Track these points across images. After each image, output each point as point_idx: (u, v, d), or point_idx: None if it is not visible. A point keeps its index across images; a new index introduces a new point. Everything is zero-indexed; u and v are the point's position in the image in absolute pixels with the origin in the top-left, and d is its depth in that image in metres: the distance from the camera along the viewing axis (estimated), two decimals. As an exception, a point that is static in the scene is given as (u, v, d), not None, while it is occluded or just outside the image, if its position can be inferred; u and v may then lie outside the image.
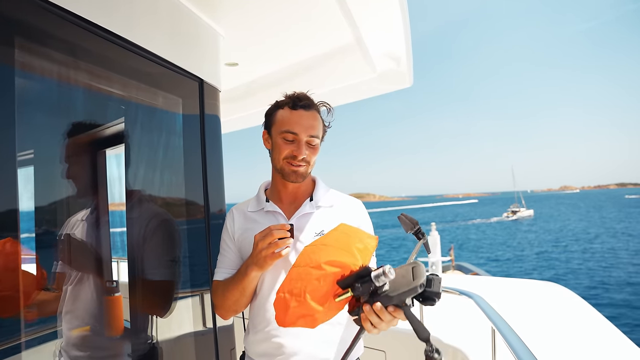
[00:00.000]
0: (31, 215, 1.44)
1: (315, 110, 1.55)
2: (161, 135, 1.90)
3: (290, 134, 1.49)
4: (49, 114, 1.47)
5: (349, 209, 1.62)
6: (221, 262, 1.63)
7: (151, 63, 1.75)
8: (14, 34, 1.17)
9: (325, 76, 3.01)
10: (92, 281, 1.61)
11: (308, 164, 1.53)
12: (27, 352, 1.24)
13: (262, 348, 1.52)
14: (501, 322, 2.05)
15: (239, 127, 4.58)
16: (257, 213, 1.61)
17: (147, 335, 1.78)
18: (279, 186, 1.61)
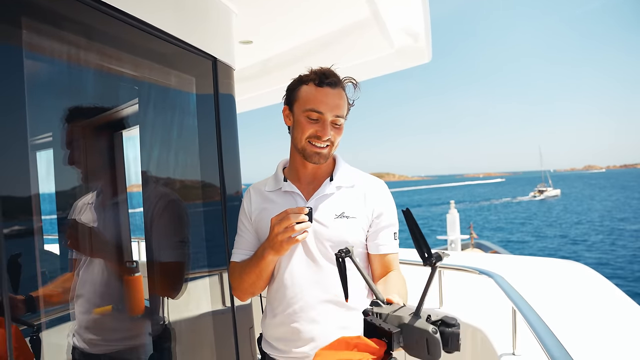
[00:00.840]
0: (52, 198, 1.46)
1: (341, 87, 1.46)
2: (175, 115, 1.88)
3: (315, 112, 1.41)
4: (60, 97, 1.46)
5: (371, 189, 1.53)
6: (238, 243, 1.60)
7: (164, 42, 1.72)
8: (21, 14, 1.15)
9: (341, 53, 2.95)
10: (103, 264, 1.62)
11: (332, 144, 1.46)
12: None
13: (279, 332, 1.51)
14: (522, 302, 2.02)
15: (254, 107, 4.56)
16: (275, 193, 1.55)
17: (159, 317, 1.79)
18: (298, 165, 1.53)
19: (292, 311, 1.45)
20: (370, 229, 1.50)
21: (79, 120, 1.53)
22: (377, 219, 1.49)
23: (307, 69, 1.48)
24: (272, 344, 1.54)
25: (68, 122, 1.48)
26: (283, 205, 1.48)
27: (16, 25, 1.13)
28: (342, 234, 1.44)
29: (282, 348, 1.49)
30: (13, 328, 1.06)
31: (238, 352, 2.09)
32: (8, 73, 1.10)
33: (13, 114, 1.11)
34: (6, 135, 1.08)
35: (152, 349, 1.75)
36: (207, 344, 1.97)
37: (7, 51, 1.11)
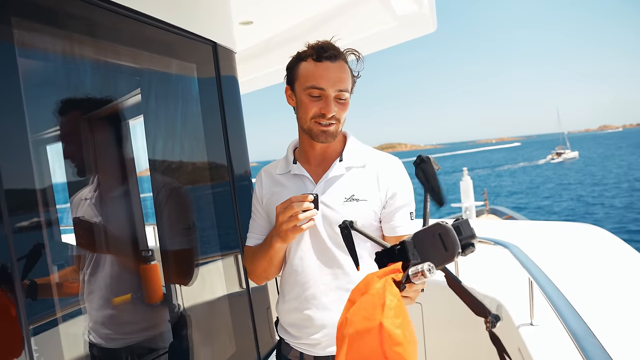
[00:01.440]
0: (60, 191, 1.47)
1: (342, 60, 1.39)
2: (178, 103, 1.87)
3: (316, 89, 1.35)
4: (58, 92, 1.44)
5: (384, 168, 1.45)
6: (252, 227, 1.59)
7: (161, 31, 1.69)
8: (13, 10, 1.13)
9: (344, 27, 2.88)
10: (116, 258, 1.63)
11: (338, 121, 1.39)
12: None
13: (291, 318, 1.51)
14: (539, 273, 2.00)
15: (258, 87, 4.51)
16: (285, 176, 1.52)
17: (174, 305, 1.82)
18: (306, 146, 1.49)
19: (303, 298, 1.45)
20: (384, 210, 1.44)
21: (77, 113, 1.51)
22: (392, 199, 1.43)
23: (305, 45, 1.42)
24: (286, 329, 1.55)
25: (65, 116, 1.46)
26: (292, 189, 1.46)
27: (7, 21, 1.11)
28: (351, 218, 1.40)
29: (295, 334, 1.50)
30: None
31: (256, 333, 2.12)
32: (2, 70, 1.09)
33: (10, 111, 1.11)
34: (5, 131, 1.07)
35: (171, 338, 1.78)
36: (224, 328, 2.00)
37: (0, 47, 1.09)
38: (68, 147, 1.50)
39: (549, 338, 2.11)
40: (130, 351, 1.65)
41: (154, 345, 1.75)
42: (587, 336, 1.44)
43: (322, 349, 1.45)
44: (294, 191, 1.44)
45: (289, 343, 1.54)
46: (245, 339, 2.07)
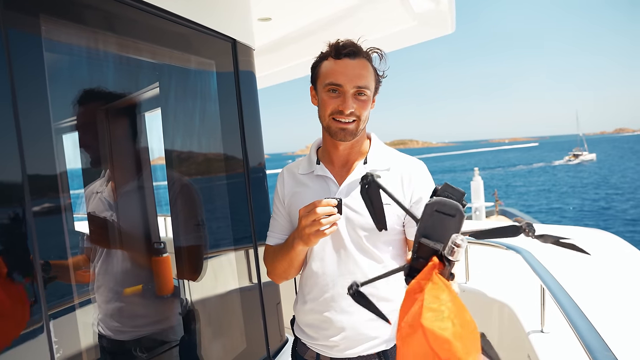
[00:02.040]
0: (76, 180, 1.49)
1: (363, 57, 1.37)
2: (196, 98, 1.88)
3: (335, 85, 1.33)
4: (79, 84, 1.47)
5: (409, 172, 1.41)
6: (272, 226, 1.58)
7: (182, 27, 1.70)
8: (41, 6, 1.15)
9: (362, 26, 2.87)
10: (128, 252, 1.65)
11: (358, 119, 1.35)
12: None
13: (309, 319, 1.49)
14: (551, 281, 1.99)
15: (275, 82, 4.52)
16: (307, 176, 1.49)
17: (184, 298, 1.82)
18: (329, 147, 1.46)
19: (322, 300, 1.43)
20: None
21: (94, 105, 1.53)
22: (417, 204, 1.39)
23: (327, 44, 1.40)
24: (303, 329, 1.54)
25: (82, 107, 1.48)
26: (315, 189, 1.45)
27: (36, 16, 1.13)
28: None
29: (313, 335, 1.50)
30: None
31: (266, 328, 2.13)
32: (30, 63, 1.11)
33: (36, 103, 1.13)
34: (30, 121, 1.10)
35: (182, 332, 1.79)
36: (235, 323, 2.01)
37: (28, 41, 1.12)
38: (84, 138, 1.52)
39: (560, 346, 2.09)
40: (139, 344, 1.66)
41: (164, 338, 1.77)
42: (599, 345, 1.43)
43: (340, 352, 1.44)
44: (316, 192, 1.43)
45: (305, 343, 1.54)
46: (256, 335, 2.08)
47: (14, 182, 1.05)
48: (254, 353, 2.07)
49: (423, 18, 2.76)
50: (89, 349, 1.44)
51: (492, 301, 2.77)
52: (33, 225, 1.08)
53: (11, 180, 1.05)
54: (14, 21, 1.07)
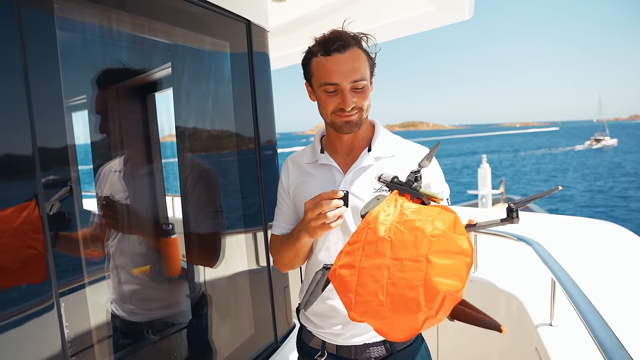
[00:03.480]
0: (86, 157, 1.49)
1: (353, 47, 1.31)
2: (209, 79, 1.86)
3: (331, 85, 1.30)
4: (95, 64, 1.46)
5: (414, 158, 1.37)
6: (278, 216, 1.57)
7: (197, 7, 1.67)
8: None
9: (378, 10, 2.81)
10: (139, 235, 1.65)
11: (361, 110, 1.34)
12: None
13: (315, 307, 1.49)
14: (562, 274, 1.97)
15: (289, 63, 4.47)
16: (312, 165, 1.48)
17: (196, 284, 1.83)
18: (333, 137, 1.45)
19: (329, 288, 1.42)
20: None
21: (109, 86, 1.53)
22: (425, 189, 1.40)
23: (313, 39, 1.35)
24: (309, 317, 1.54)
25: (99, 89, 1.48)
26: (320, 178, 1.44)
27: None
28: None
29: (319, 323, 1.50)
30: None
31: (274, 311, 2.14)
32: (42, 39, 1.10)
33: (48, 78, 1.12)
34: (43, 97, 1.09)
35: (190, 315, 1.80)
36: (243, 307, 2.03)
37: (41, 18, 1.10)
38: (100, 119, 1.52)
39: (569, 340, 2.08)
40: (151, 325, 1.68)
41: (174, 321, 1.78)
42: (610, 339, 1.41)
43: (346, 340, 1.44)
44: (321, 181, 1.42)
45: (310, 331, 1.54)
46: (263, 320, 2.09)
47: (25, 157, 1.05)
48: (262, 337, 2.08)
49: (441, 3, 2.70)
50: (100, 327, 1.46)
51: (501, 292, 2.75)
52: (43, 198, 1.08)
53: (22, 156, 1.04)
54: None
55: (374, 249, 0.92)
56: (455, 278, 0.80)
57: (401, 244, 0.88)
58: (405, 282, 0.84)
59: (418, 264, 0.83)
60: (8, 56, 1.01)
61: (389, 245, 0.90)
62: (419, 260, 0.83)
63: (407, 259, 0.85)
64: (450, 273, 0.80)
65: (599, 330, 1.48)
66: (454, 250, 0.82)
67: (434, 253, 0.83)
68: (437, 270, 0.81)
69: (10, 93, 1.01)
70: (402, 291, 0.83)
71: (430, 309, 0.80)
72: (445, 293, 0.79)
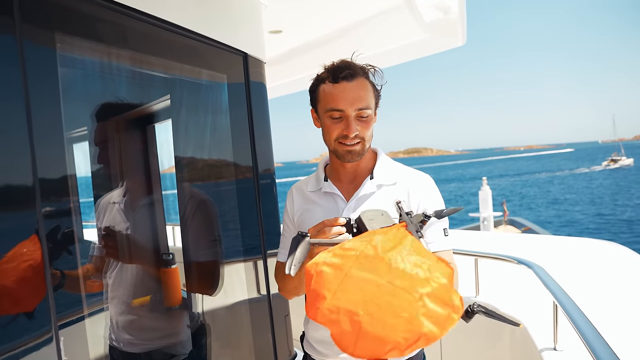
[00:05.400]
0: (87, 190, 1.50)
1: (361, 77, 1.37)
2: (208, 110, 1.89)
3: (336, 111, 1.34)
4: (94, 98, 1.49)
5: (415, 185, 1.44)
6: (283, 243, 1.59)
7: (195, 42, 1.72)
8: (57, 23, 1.18)
9: (373, 38, 2.88)
10: (139, 265, 1.66)
11: (363, 139, 1.38)
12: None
13: (319, 335, 1.49)
14: (563, 296, 1.96)
15: (286, 92, 4.56)
16: (316, 193, 1.51)
17: (194, 313, 1.82)
18: (336, 164, 1.48)
19: None
20: None
21: (109, 118, 1.56)
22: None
23: (322, 66, 1.41)
24: (313, 345, 1.54)
25: (98, 121, 1.51)
26: (324, 206, 1.46)
27: (51, 32, 1.16)
28: None
29: (322, 351, 1.49)
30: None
31: (275, 342, 2.11)
32: (44, 74, 1.13)
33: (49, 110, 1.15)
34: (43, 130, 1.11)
35: (191, 345, 1.79)
36: (244, 337, 2.01)
37: (43, 53, 1.14)
38: (99, 151, 1.54)
39: None
40: (150, 357, 1.67)
41: (173, 352, 1.76)
42: None
43: None
44: (325, 209, 1.45)
45: (315, 359, 1.53)
46: (264, 349, 2.06)
47: (25, 190, 1.06)
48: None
49: (434, 30, 2.77)
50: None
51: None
52: (43, 232, 1.09)
53: (23, 188, 1.05)
54: (30, 34, 1.08)
55: (369, 264, 0.92)
56: (438, 327, 0.81)
57: (400, 273, 0.88)
58: (391, 308, 0.84)
59: (410, 298, 0.84)
60: (10, 88, 1.03)
61: (388, 267, 0.90)
62: (412, 295, 0.84)
63: (402, 288, 0.86)
64: (437, 321, 0.82)
65: (602, 354, 1.47)
66: (447, 302, 0.84)
67: (430, 296, 0.84)
68: (427, 312, 0.82)
69: (12, 125, 1.03)
70: (384, 315, 0.83)
71: (403, 341, 0.81)
72: (425, 335, 0.80)
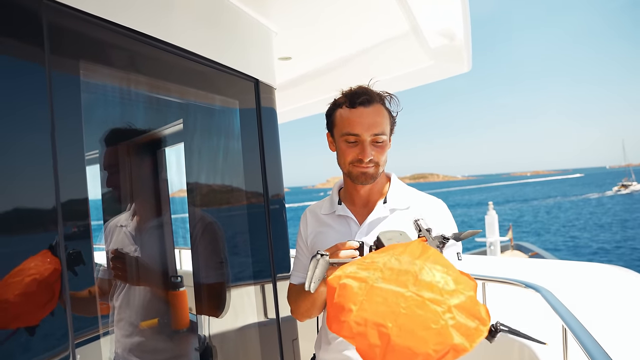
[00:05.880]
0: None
1: (377, 103, 1.40)
2: (220, 135, 1.94)
3: (352, 135, 1.37)
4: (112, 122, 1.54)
5: (428, 210, 1.44)
6: (296, 265, 1.60)
7: (208, 68, 1.77)
8: (79, 51, 1.23)
9: (379, 65, 2.94)
10: (147, 287, 1.67)
11: (377, 164, 1.40)
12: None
13: (330, 357, 1.49)
14: (573, 320, 1.95)
15: (295, 117, 4.62)
16: (330, 216, 1.53)
17: (201, 335, 1.83)
18: (350, 188, 1.50)
19: (344, 339, 1.43)
20: None
21: (117, 143, 1.59)
22: None
23: (340, 92, 1.45)
24: None
25: (107, 145, 1.54)
26: (337, 229, 1.48)
27: (75, 59, 1.21)
28: None
29: None
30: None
31: (283, 365, 2.10)
32: (68, 101, 1.18)
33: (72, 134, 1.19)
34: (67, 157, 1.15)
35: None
36: (252, 358, 2.00)
37: (68, 82, 1.19)
38: (109, 174, 1.57)
39: None
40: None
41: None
42: None
43: None
44: (338, 232, 1.46)
45: None
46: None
47: (49, 213, 1.09)
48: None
49: (440, 57, 2.83)
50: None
51: (513, 341, 2.70)
52: (64, 255, 1.12)
53: (47, 211, 1.09)
54: (58, 64, 1.14)
55: (395, 276, 0.92)
56: (468, 339, 0.81)
57: (427, 285, 0.88)
58: (420, 320, 0.83)
59: (440, 309, 0.84)
60: (38, 115, 1.08)
61: (413, 279, 0.90)
62: (441, 306, 0.84)
63: (430, 300, 0.85)
64: (466, 333, 0.82)
65: None
66: (476, 314, 0.84)
67: (459, 308, 0.84)
68: (456, 324, 0.82)
69: (38, 148, 1.07)
70: (414, 327, 0.83)
71: (434, 354, 0.81)
72: (455, 347, 0.80)
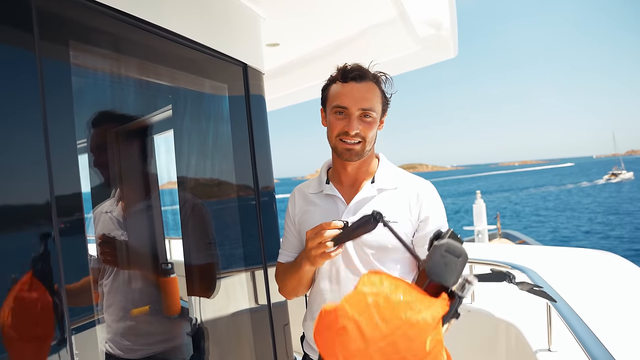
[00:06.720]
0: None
1: (370, 80, 1.41)
2: (209, 120, 1.94)
3: (341, 107, 1.38)
4: (99, 106, 1.54)
5: (416, 191, 1.44)
6: (284, 244, 1.61)
7: (196, 52, 1.77)
8: (68, 34, 1.22)
9: (367, 51, 2.96)
10: (137, 271, 1.68)
11: (364, 140, 1.39)
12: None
13: None
14: (556, 298, 2.00)
15: (283, 105, 4.62)
16: (317, 195, 1.53)
17: (193, 318, 1.84)
18: (338, 167, 1.51)
19: None
20: (416, 234, 1.44)
21: (107, 126, 1.59)
22: (424, 222, 1.42)
23: (335, 67, 1.46)
24: (312, 346, 1.56)
25: (95, 128, 1.54)
26: (324, 208, 1.49)
27: (65, 44, 1.21)
28: (382, 239, 1.38)
29: None
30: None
31: (275, 349, 2.13)
32: (58, 86, 1.17)
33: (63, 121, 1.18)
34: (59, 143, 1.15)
35: (191, 351, 1.80)
36: (244, 344, 2.02)
37: (57, 67, 1.18)
38: (98, 158, 1.56)
39: None
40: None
41: (172, 357, 1.78)
42: None
43: None
44: (325, 211, 1.47)
45: (313, 359, 1.56)
46: (264, 356, 2.08)
47: (42, 202, 1.09)
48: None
49: (426, 43, 2.84)
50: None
51: (499, 321, 2.77)
52: (59, 245, 1.12)
53: (39, 200, 1.08)
54: (48, 50, 1.13)
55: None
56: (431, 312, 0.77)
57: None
58: None
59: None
60: (30, 102, 1.07)
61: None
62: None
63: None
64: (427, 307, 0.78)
65: (596, 352, 1.51)
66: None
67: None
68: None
69: (30, 137, 1.07)
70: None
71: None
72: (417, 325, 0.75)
